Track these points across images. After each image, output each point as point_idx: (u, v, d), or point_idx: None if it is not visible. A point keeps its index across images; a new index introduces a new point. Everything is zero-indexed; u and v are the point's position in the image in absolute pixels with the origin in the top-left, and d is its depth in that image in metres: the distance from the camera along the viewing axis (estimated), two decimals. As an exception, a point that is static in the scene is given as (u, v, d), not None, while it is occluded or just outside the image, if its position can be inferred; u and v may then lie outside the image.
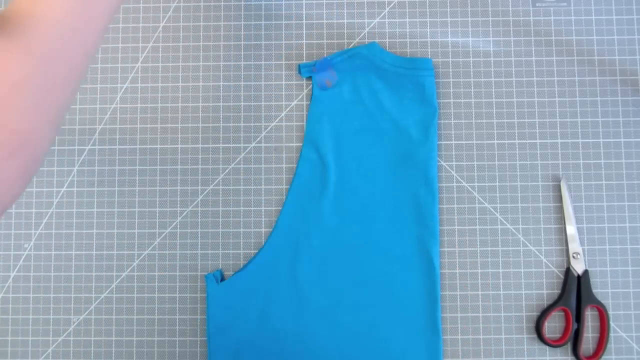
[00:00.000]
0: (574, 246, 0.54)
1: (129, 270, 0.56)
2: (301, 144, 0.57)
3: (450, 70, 0.57)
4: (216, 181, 0.57)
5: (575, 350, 0.53)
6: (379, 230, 0.54)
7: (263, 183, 0.56)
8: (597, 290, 0.54)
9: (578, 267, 0.54)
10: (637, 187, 0.56)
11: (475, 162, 0.56)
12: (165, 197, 0.57)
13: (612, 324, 0.54)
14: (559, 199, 0.55)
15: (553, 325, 0.54)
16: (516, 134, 0.56)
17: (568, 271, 0.54)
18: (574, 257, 0.54)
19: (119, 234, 0.56)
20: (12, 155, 0.30)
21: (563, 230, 0.55)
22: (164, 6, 0.59)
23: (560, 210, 0.55)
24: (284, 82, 0.58)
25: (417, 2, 0.58)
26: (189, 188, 0.57)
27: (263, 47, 0.58)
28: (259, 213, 0.56)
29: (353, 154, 0.55)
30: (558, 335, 0.54)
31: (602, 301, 0.54)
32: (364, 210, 0.55)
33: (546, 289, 0.55)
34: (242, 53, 0.58)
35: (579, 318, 0.53)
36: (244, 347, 0.53)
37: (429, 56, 0.57)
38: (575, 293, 0.53)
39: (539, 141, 0.56)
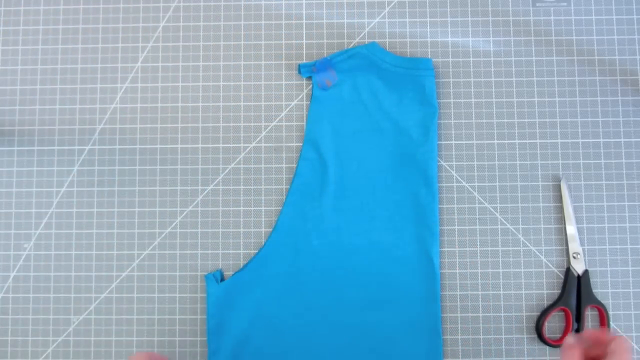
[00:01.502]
0: (574, 246, 0.54)
1: (129, 270, 0.56)
2: (301, 144, 0.57)
3: (450, 70, 0.57)
4: (216, 181, 0.57)
5: None
6: (379, 230, 0.54)
7: (263, 183, 0.56)
8: (597, 290, 0.54)
9: (578, 267, 0.54)
10: (637, 187, 0.56)
11: (475, 162, 0.56)
12: (165, 197, 0.57)
13: (612, 324, 0.54)
14: (559, 199, 0.55)
15: (553, 325, 0.54)
16: (516, 134, 0.56)
17: (568, 271, 0.54)
18: (574, 257, 0.54)
19: (119, 234, 0.56)
20: None
21: (563, 230, 0.55)
22: (164, 6, 0.59)
23: (560, 210, 0.55)
24: (284, 82, 0.58)
25: (417, 2, 0.58)
26: (189, 188, 0.57)
27: (263, 47, 0.58)
28: (259, 213, 0.56)
29: (353, 154, 0.55)
30: (558, 335, 0.54)
31: (602, 301, 0.54)
32: (364, 210, 0.55)
33: (546, 289, 0.55)
34: (242, 53, 0.58)
35: (579, 318, 0.53)
36: (243, 347, 0.53)
37: (429, 56, 0.57)
38: (575, 293, 0.53)
39: (539, 141, 0.56)
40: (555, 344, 0.53)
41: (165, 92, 0.58)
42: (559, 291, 0.54)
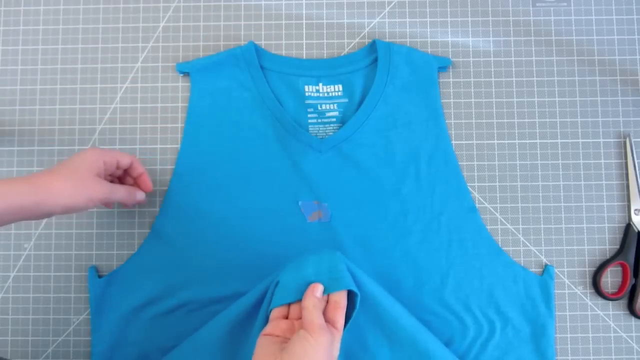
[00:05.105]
0: (637, 203, 0.55)
1: (129, 270, 0.56)
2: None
3: (451, 70, 0.57)
4: (216, 181, 0.57)
5: (630, 306, 0.53)
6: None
7: (263, 183, 0.56)
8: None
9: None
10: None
11: (475, 162, 0.56)
12: (165, 197, 0.57)
13: None
14: (559, 199, 0.55)
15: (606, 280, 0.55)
16: (516, 134, 0.56)
17: (629, 227, 0.54)
18: (635, 213, 0.54)
19: (118, 234, 0.56)
20: None
21: (562, 231, 0.55)
22: (164, 6, 0.59)
23: (560, 210, 0.55)
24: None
25: (417, 2, 0.58)
26: (189, 188, 0.57)
27: (263, 47, 0.58)
28: (259, 213, 0.56)
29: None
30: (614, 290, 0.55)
31: None
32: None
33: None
34: (242, 53, 0.58)
35: (636, 274, 0.53)
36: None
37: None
38: (634, 248, 0.54)
39: (539, 141, 0.56)
40: (612, 297, 0.53)
41: (165, 92, 0.58)
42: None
